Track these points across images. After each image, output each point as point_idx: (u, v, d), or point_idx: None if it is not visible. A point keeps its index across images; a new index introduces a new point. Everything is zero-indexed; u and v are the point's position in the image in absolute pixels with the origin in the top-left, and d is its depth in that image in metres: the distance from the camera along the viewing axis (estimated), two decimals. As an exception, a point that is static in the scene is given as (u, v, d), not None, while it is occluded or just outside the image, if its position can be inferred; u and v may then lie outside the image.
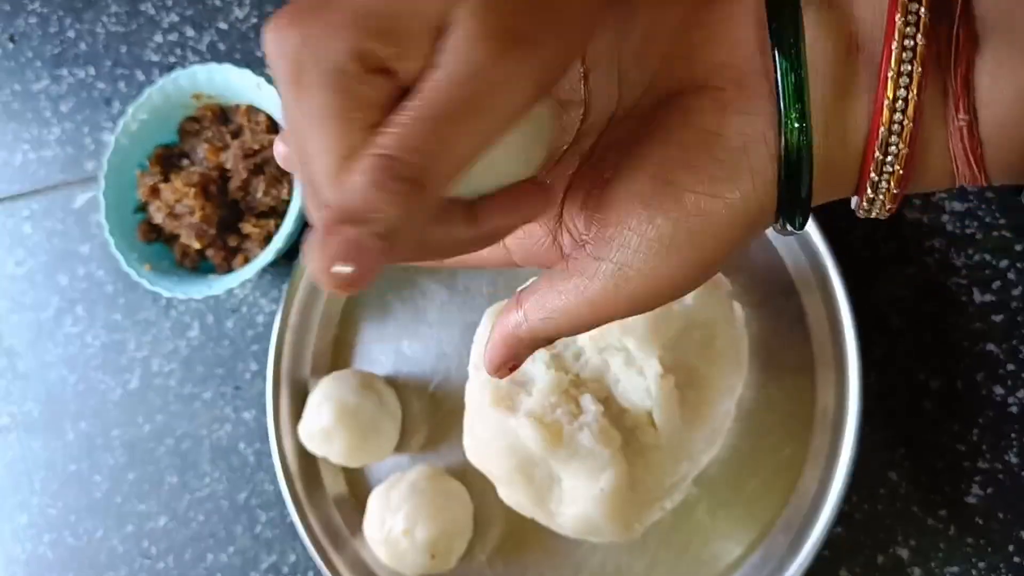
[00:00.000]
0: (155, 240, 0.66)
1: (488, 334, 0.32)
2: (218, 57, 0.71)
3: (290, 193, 0.62)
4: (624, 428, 0.52)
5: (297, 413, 0.61)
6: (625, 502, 0.52)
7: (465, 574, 0.58)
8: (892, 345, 0.56)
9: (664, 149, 0.27)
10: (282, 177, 0.63)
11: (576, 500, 0.52)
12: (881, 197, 0.26)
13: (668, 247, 0.26)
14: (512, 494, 0.54)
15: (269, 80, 0.63)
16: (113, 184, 0.65)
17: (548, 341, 0.30)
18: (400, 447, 0.61)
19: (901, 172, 0.26)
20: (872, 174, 0.26)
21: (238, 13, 0.71)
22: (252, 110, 0.65)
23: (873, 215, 0.27)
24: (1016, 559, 0.53)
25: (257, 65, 0.69)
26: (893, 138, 0.25)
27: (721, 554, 0.55)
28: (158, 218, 0.64)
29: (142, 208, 0.66)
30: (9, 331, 0.72)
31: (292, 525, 0.60)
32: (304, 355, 0.64)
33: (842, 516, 0.52)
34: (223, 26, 0.71)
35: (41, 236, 0.73)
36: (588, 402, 0.52)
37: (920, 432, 0.55)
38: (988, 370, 0.55)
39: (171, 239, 0.66)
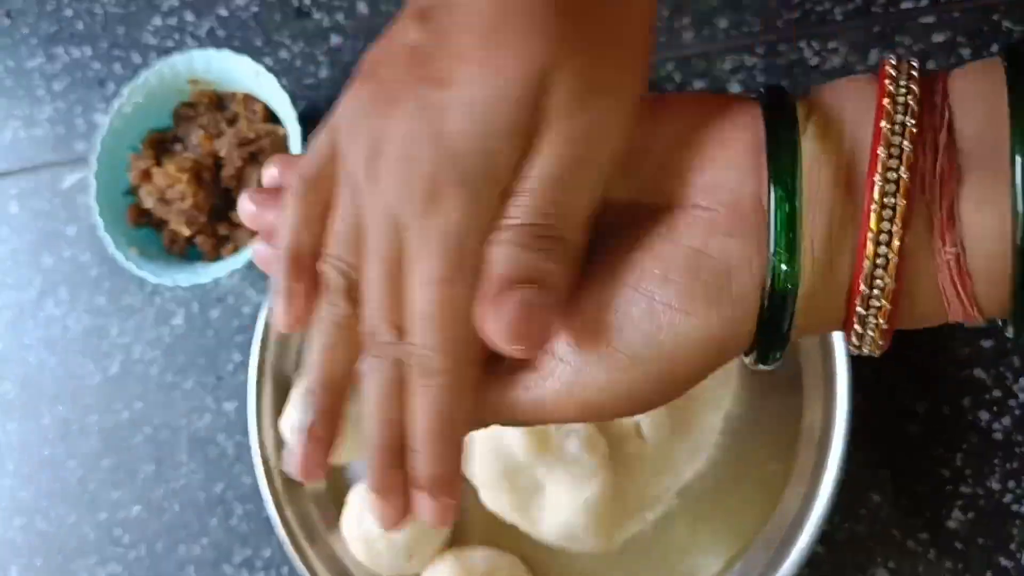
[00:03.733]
0: (144, 225, 0.65)
1: None
2: (217, 44, 0.70)
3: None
4: (611, 437, 0.52)
5: (279, 406, 0.61)
6: (608, 512, 0.52)
7: (441, 577, 0.58)
8: (879, 367, 0.56)
9: (642, 261, 0.26)
10: (276, 168, 0.62)
11: (559, 507, 0.51)
12: (871, 333, 0.26)
13: (631, 359, 0.26)
14: (495, 499, 0.53)
15: (267, 69, 0.62)
16: (104, 166, 0.64)
17: (483, 426, 0.29)
18: (382, 446, 0.61)
19: (889, 307, 0.25)
20: (859, 308, 0.25)
21: (239, 0, 0.70)
22: (249, 98, 0.65)
23: (865, 352, 0.27)
24: (994, 586, 0.53)
25: (255, 53, 0.69)
26: (879, 271, 0.24)
27: (700, 568, 0.55)
28: (148, 202, 0.63)
29: (132, 192, 0.65)
30: (-11, 310, 0.71)
31: (268, 519, 0.60)
32: (289, 348, 0.63)
33: (823, 535, 0.52)
34: (223, 13, 0.71)
35: (27, 216, 0.72)
36: (575, 409, 0.52)
37: (904, 455, 0.55)
38: (974, 395, 0.55)
39: (160, 224, 0.65)
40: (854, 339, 0.26)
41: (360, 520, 0.56)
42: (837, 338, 0.52)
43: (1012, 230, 0.23)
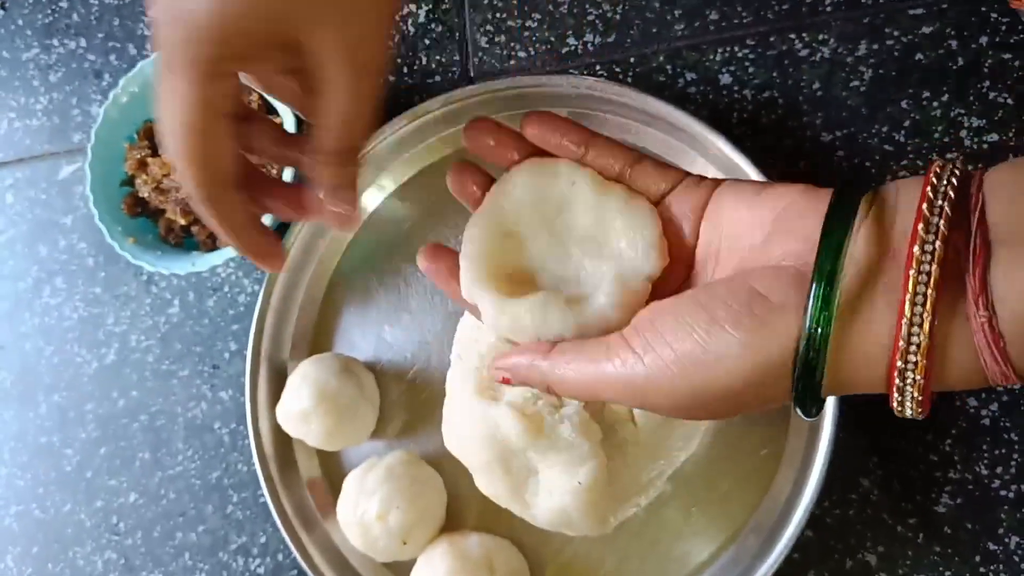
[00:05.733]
0: (140, 214, 0.65)
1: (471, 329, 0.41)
2: (212, 35, 0.70)
3: (279, 174, 0.62)
4: (604, 422, 0.52)
5: (275, 394, 0.61)
6: (602, 496, 0.52)
7: (436, 562, 0.58)
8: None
9: (716, 289, 0.32)
10: (272, 157, 0.62)
11: (553, 492, 0.52)
12: (910, 388, 0.29)
13: (678, 360, 0.31)
14: (489, 484, 0.54)
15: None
16: (100, 156, 0.64)
17: (546, 388, 0.36)
18: (377, 433, 0.61)
19: (925, 363, 0.29)
20: (899, 362, 0.29)
21: (235, -8, 0.70)
22: (244, 88, 0.65)
23: (908, 412, 0.30)
24: (982, 569, 0.54)
25: (251, 45, 0.69)
26: (915, 328, 0.28)
27: (692, 552, 0.55)
28: (144, 192, 0.64)
29: (128, 181, 0.65)
30: (-15, 299, 0.72)
31: (264, 506, 0.60)
32: (284, 337, 0.63)
33: (813, 520, 0.53)
34: (219, 4, 0.71)
35: (23, 206, 0.72)
36: (569, 395, 0.52)
37: (893, 440, 0.55)
38: (963, 382, 0.55)
39: (156, 214, 0.65)
40: (896, 395, 0.30)
41: (356, 505, 0.56)
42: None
43: None
